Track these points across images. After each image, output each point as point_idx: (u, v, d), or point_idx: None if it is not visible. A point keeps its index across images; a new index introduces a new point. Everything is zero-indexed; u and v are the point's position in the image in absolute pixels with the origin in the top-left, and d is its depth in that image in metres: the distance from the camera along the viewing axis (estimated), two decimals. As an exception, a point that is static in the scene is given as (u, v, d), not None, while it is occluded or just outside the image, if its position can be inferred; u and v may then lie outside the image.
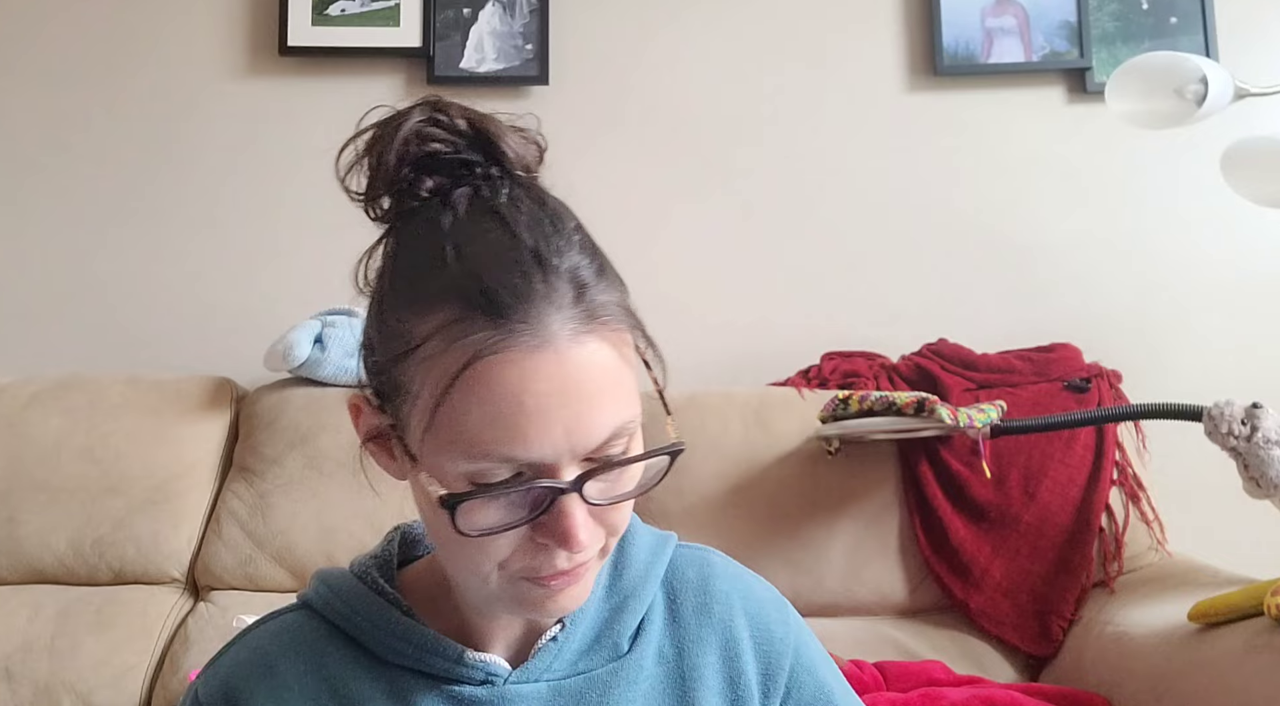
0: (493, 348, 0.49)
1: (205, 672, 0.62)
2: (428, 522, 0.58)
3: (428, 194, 0.55)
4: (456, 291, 0.50)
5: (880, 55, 1.99)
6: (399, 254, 0.55)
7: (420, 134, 0.55)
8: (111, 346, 1.91)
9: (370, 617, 0.61)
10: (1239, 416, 1.26)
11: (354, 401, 0.58)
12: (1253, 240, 1.92)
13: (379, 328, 0.55)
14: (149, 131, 1.97)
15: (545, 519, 0.52)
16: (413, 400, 0.52)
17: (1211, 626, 1.19)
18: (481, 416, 0.49)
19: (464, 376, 0.49)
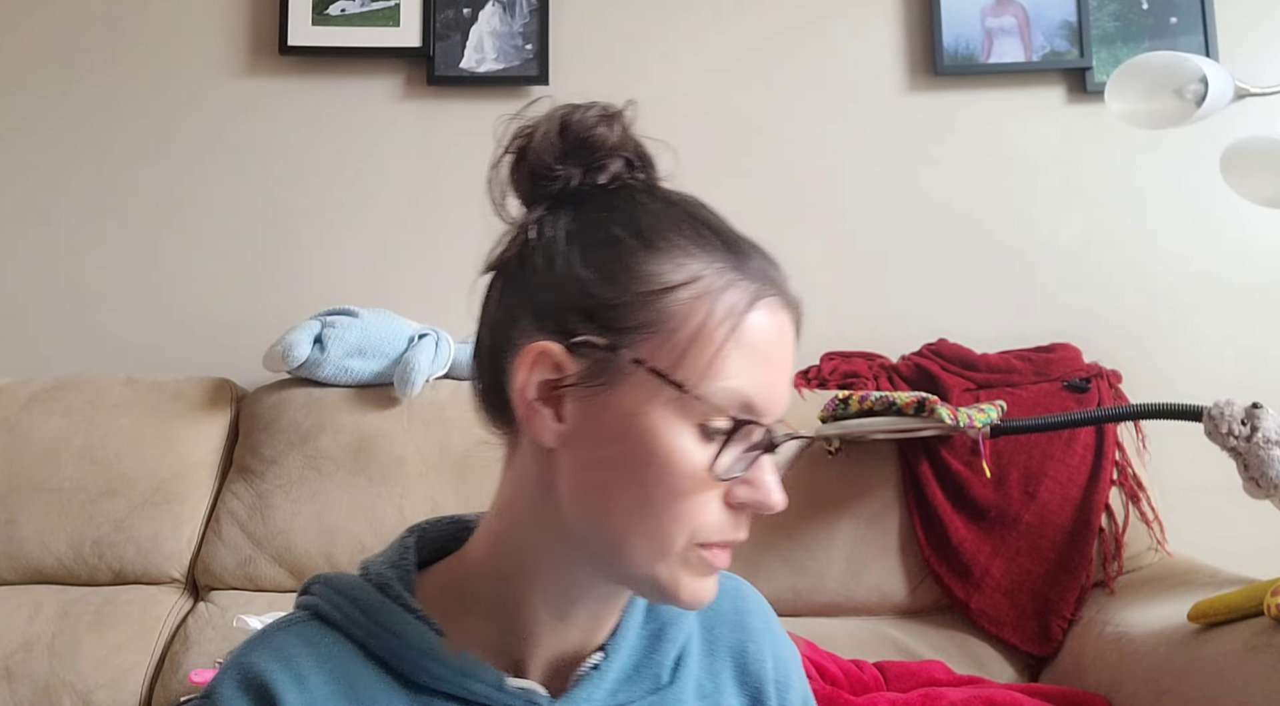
0: (764, 293, 0.56)
1: (221, 678, 0.57)
2: (599, 482, 0.55)
3: (605, 180, 0.60)
4: (705, 243, 0.56)
5: (880, 55, 1.99)
6: (615, 218, 0.57)
7: (582, 125, 0.60)
8: (111, 347, 1.91)
9: (399, 635, 0.57)
10: (1239, 416, 1.26)
11: (542, 349, 0.55)
12: (1253, 240, 1.92)
13: (607, 272, 0.55)
14: (149, 131, 1.98)
15: (753, 475, 0.55)
16: (669, 332, 0.53)
17: (1211, 626, 1.19)
18: (750, 358, 0.54)
19: (750, 310, 0.54)
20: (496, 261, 0.61)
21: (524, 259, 0.58)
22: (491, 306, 0.61)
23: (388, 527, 1.55)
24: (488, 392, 0.61)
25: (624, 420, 0.53)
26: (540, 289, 0.57)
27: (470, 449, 1.61)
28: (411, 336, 1.68)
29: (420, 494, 1.57)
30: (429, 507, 1.56)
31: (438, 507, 1.56)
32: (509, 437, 0.61)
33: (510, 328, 0.58)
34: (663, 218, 0.57)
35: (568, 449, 0.55)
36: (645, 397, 0.53)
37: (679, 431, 0.53)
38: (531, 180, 0.59)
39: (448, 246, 1.96)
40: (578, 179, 0.59)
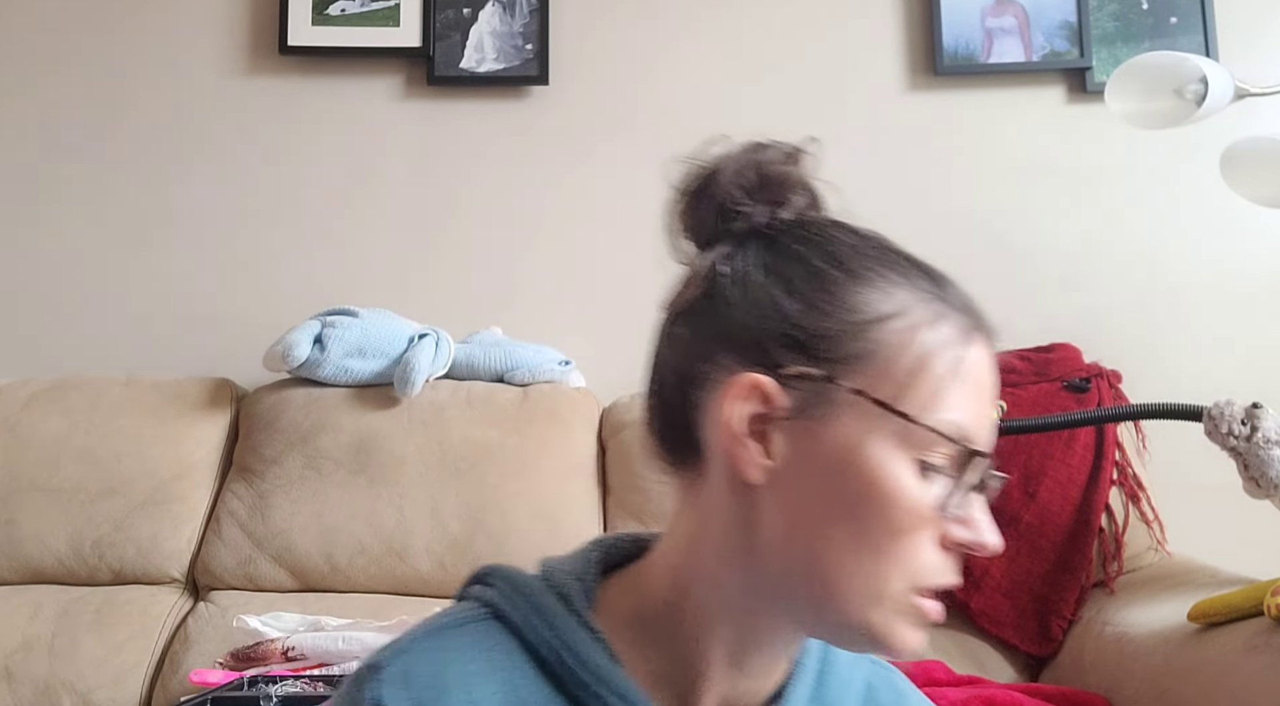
0: (978, 324, 0.55)
1: (387, 676, 0.53)
2: (812, 519, 0.52)
3: (791, 215, 0.59)
4: (915, 282, 0.55)
5: (880, 55, 1.99)
6: (813, 251, 0.57)
7: (766, 162, 0.60)
8: (111, 347, 1.91)
9: (578, 654, 0.55)
10: (1239, 416, 1.26)
11: (752, 381, 0.53)
12: (1253, 240, 1.92)
13: (813, 303, 0.54)
14: (149, 131, 1.98)
15: (968, 513, 0.53)
16: (885, 363, 0.53)
17: (1211, 626, 1.19)
18: (965, 389, 0.53)
19: (966, 343, 0.54)
20: (681, 301, 0.59)
21: (713, 295, 0.57)
22: (676, 344, 0.59)
23: (388, 527, 1.55)
24: (666, 431, 0.60)
25: (841, 453, 0.52)
26: (738, 323, 0.55)
27: (468, 451, 1.61)
28: (411, 336, 1.68)
29: (420, 494, 1.57)
30: (429, 507, 1.56)
31: (437, 508, 1.56)
32: (687, 474, 0.59)
33: (703, 363, 0.56)
34: (859, 249, 0.57)
35: (773, 485, 0.53)
36: (864, 430, 0.52)
37: (900, 465, 0.51)
38: (718, 217, 0.59)
39: (448, 246, 1.96)
40: (765, 215, 0.59)
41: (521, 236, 1.96)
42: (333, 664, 1.30)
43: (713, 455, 0.56)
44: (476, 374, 1.73)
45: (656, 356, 0.61)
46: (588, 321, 1.93)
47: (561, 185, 1.97)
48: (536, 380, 1.73)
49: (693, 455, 0.58)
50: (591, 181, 1.97)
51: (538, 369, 1.73)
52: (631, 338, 2.18)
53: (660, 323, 0.61)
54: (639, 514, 1.59)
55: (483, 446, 1.60)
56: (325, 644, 1.30)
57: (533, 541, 1.54)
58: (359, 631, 1.33)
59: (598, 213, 1.96)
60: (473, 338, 1.80)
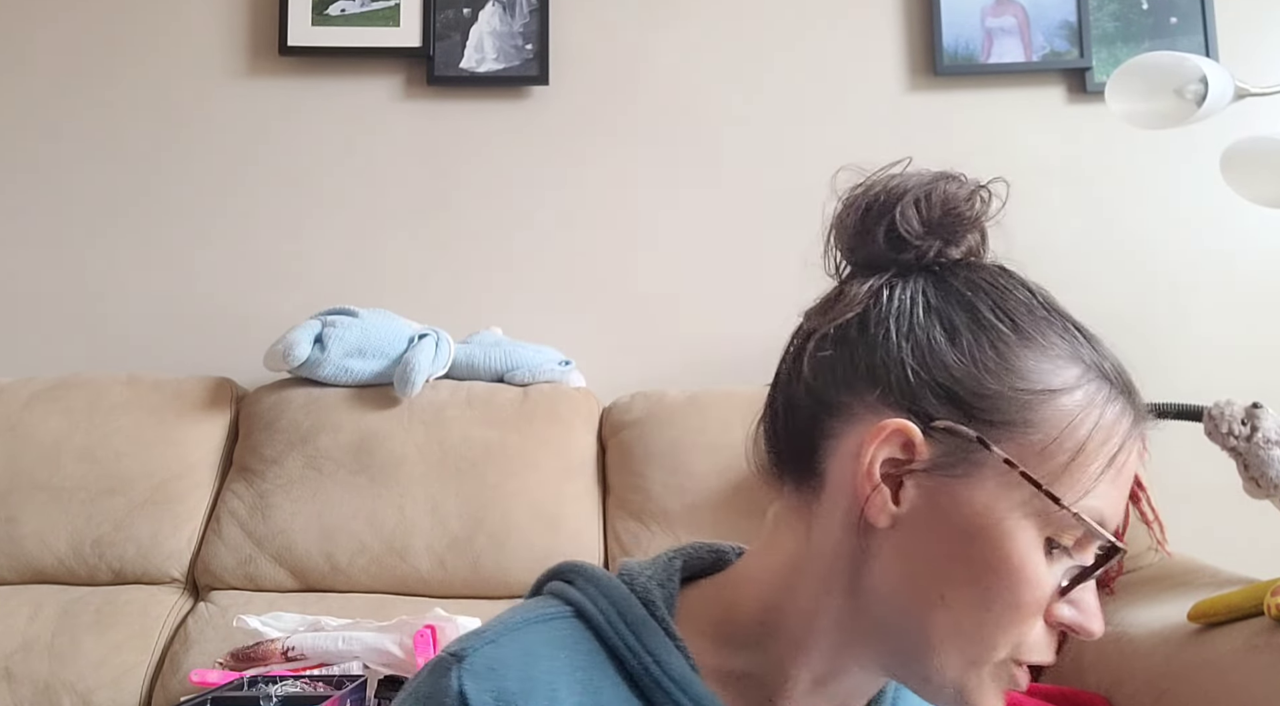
0: (1142, 419, 0.54)
1: (472, 666, 0.51)
2: (931, 576, 0.52)
3: (959, 255, 0.57)
4: (1086, 357, 0.54)
5: (880, 55, 1.99)
6: (982, 299, 0.55)
7: (953, 198, 0.57)
8: (111, 347, 1.91)
9: (661, 662, 0.54)
10: (1239, 416, 1.26)
11: (899, 427, 0.51)
12: (1253, 240, 1.92)
13: (978, 359, 0.52)
14: (149, 131, 1.98)
15: (1079, 596, 0.53)
16: (1045, 439, 0.51)
17: (1211, 626, 1.19)
18: (1116, 481, 0.52)
19: (1130, 437, 0.53)
20: (830, 320, 0.56)
21: (868, 324, 0.55)
22: (818, 366, 0.56)
23: (388, 527, 1.55)
24: (784, 449, 0.58)
25: (975, 518, 0.50)
26: (890, 360, 0.53)
27: (469, 451, 1.61)
28: (411, 336, 1.68)
29: (420, 494, 1.57)
30: (429, 507, 1.56)
31: (437, 507, 1.56)
32: (798, 495, 0.57)
33: (843, 392, 0.54)
34: (1031, 307, 0.55)
35: (896, 532, 0.52)
36: (1005, 499, 0.50)
37: (1032, 542, 0.50)
38: (887, 243, 0.56)
39: (448, 246, 1.96)
40: (936, 250, 0.56)
41: (521, 236, 1.96)
42: (333, 664, 1.30)
43: (833, 485, 0.55)
44: (476, 374, 1.73)
45: (789, 371, 0.58)
46: (588, 321, 1.93)
47: (561, 185, 1.97)
48: (536, 380, 1.73)
49: (810, 479, 0.56)
50: (591, 181, 1.97)
51: (538, 369, 1.73)
52: (631, 338, 2.20)
53: (799, 335, 0.59)
54: (639, 514, 1.60)
55: (483, 446, 1.60)
56: (325, 644, 1.30)
57: (533, 541, 1.54)
58: (359, 631, 1.33)
59: (598, 212, 1.96)
60: (473, 338, 1.80)
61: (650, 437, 1.63)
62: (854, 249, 0.58)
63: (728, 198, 1.96)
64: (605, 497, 1.66)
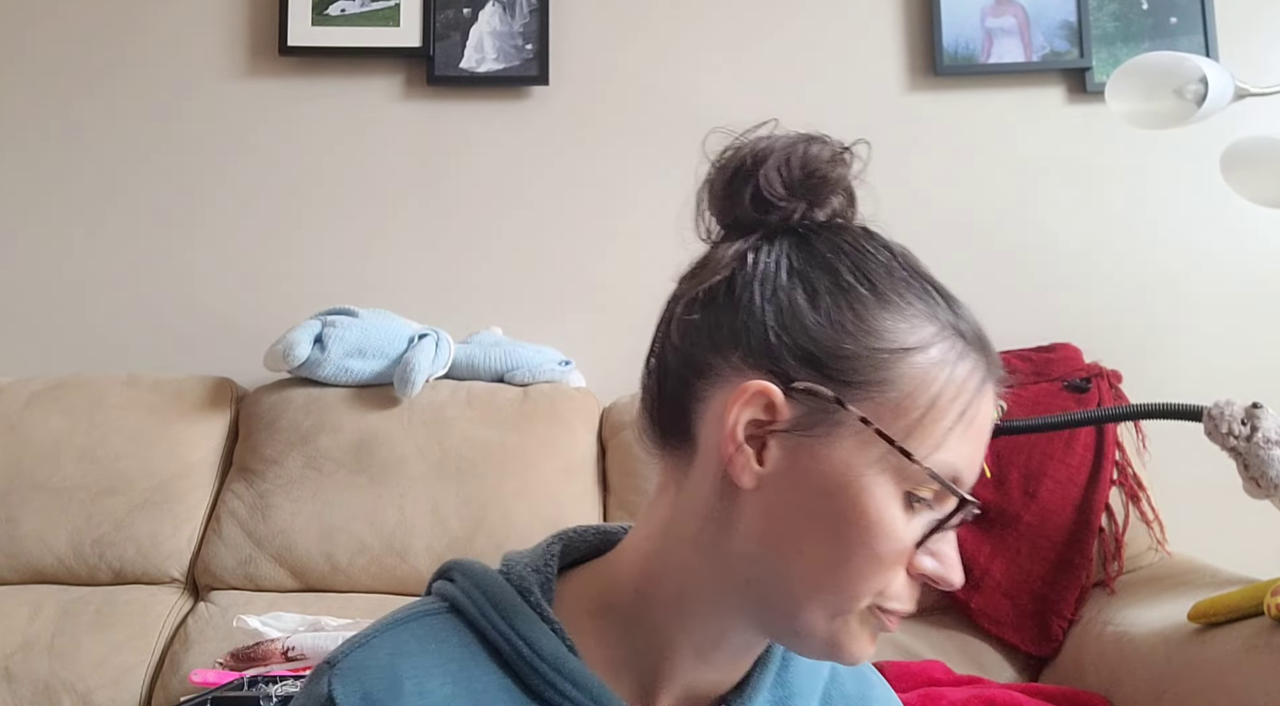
0: (992, 374, 0.55)
1: (342, 670, 0.54)
2: (792, 532, 0.53)
3: (824, 217, 0.58)
4: (941, 316, 0.55)
5: (880, 55, 1.99)
6: (843, 262, 0.56)
7: (816, 159, 0.57)
8: (111, 347, 1.92)
9: (531, 643, 0.55)
10: (1239, 416, 1.26)
11: (760, 388, 0.52)
12: (1253, 240, 1.92)
13: (836, 321, 0.53)
14: (149, 131, 1.98)
15: (939, 548, 0.54)
16: (900, 396, 0.52)
17: (1211, 626, 1.19)
18: (967, 434, 0.54)
19: (980, 393, 0.54)
20: (697, 284, 0.57)
21: (734, 287, 0.56)
22: (686, 329, 0.57)
23: (388, 527, 1.55)
24: (660, 412, 0.59)
25: (834, 476, 0.52)
26: (753, 323, 0.54)
27: (469, 451, 1.61)
28: (411, 336, 1.68)
29: (420, 494, 1.57)
30: (429, 507, 1.56)
31: (437, 507, 1.56)
32: (673, 459, 0.58)
33: (711, 354, 0.55)
34: (891, 268, 0.56)
35: (760, 491, 0.53)
36: (862, 456, 0.52)
37: (890, 497, 0.52)
38: (752, 205, 0.57)
39: (448, 246, 1.96)
40: (800, 212, 0.57)
41: (522, 236, 1.96)
42: (333, 664, 1.29)
43: (704, 448, 0.56)
44: (476, 374, 1.73)
45: (663, 336, 0.60)
46: (588, 321, 1.93)
47: (561, 185, 1.97)
48: (536, 380, 1.73)
49: (683, 441, 0.57)
50: (591, 181, 1.97)
51: (538, 369, 1.73)
52: (631, 338, 2.18)
53: (670, 301, 0.60)
54: (640, 509, 1.59)
55: (483, 446, 1.60)
56: (325, 644, 1.30)
57: (533, 541, 1.54)
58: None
59: (598, 212, 1.96)
60: (473, 338, 1.80)
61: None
62: (722, 212, 0.59)
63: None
64: (605, 498, 1.66)
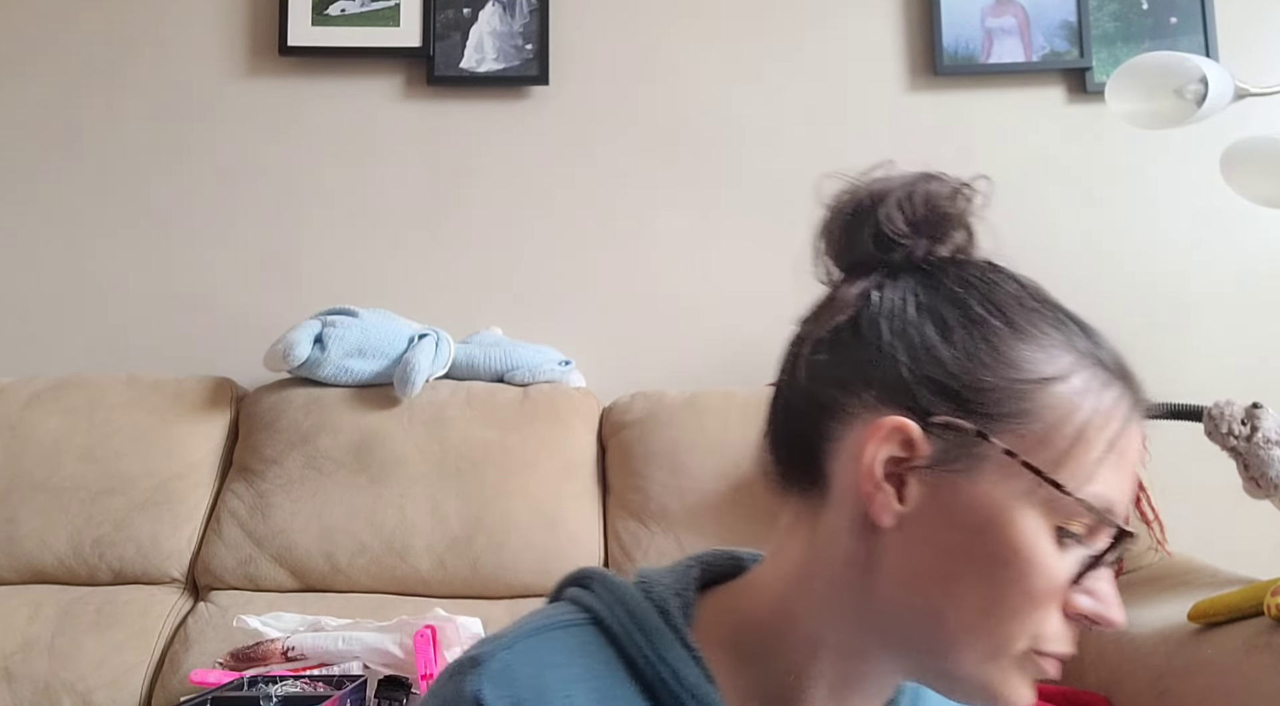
0: (1139, 404, 0.54)
1: (490, 671, 0.52)
2: (941, 573, 0.51)
3: (946, 253, 0.58)
4: (1079, 345, 0.54)
5: (880, 55, 1.99)
6: (972, 294, 0.55)
7: (936, 195, 0.57)
8: (111, 346, 1.92)
9: (676, 671, 0.54)
10: (1239, 416, 1.26)
11: (897, 424, 0.51)
12: (1253, 240, 1.92)
13: (972, 353, 0.52)
14: (149, 131, 1.98)
15: (1095, 585, 0.52)
16: (1044, 427, 0.51)
17: (1211, 626, 1.19)
18: (1119, 465, 0.52)
19: (1128, 421, 0.52)
20: (823, 325, 0.56)
21: (860, 325, 0.55)
22: (814, 370, 0.56)
23: (388, 527, 1.55)
24: (787, 455, 0.58)
25: (981, 511, 0.50)
26: (884, 359, 0.53)
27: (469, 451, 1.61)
28: (411, 336, 1.68)
29: (420, 494, 1.57)
30: (429, 507, 1.56)
31: (438, 507, 1.56)
32: (804, 499, 0.57)
33: (841, 393, 0.54)
34: (1021, 299, 0.55)
35: (902, 531, 0.52)
36: (1009, 491, 0.50)
37: (1041, 533, 0.50)
38: (874, 244, 0.56)
39: (448, 246, 1.96)
40: (924, 249, 0.56)
41: (521, 236, 1.96)
42: (333, 664, 1.30)
43: (839, 488, 0.54)
44: (476, 374, 1.73)
45: (787, 378, 0.58)
46: (588, 321, 1.93)
47: (561, 185, 1.97)
48: (536, 380, 1.73)
49: (814, 483, 0.56)
50: (591, 181, 1.97)
51: (538, 369, 1.73)
52: (631, 338, 2.20)
53: (794, 342, 0.58)
54: (639, 514, 1.59)
55: (483, 446, 1.60)
56: (325, 644, 1.30)
57: (533, 541, 1.54)
58: (359, 631, 1.33)
59: (598, 212, 1.96)
60: (473, 338, 1.80)
61: (650, 438, 1.63)
62: (842, 253, 0.59)
63: (727, 197, 1.96)
64: (605, 498, 1.66)
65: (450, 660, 1.29)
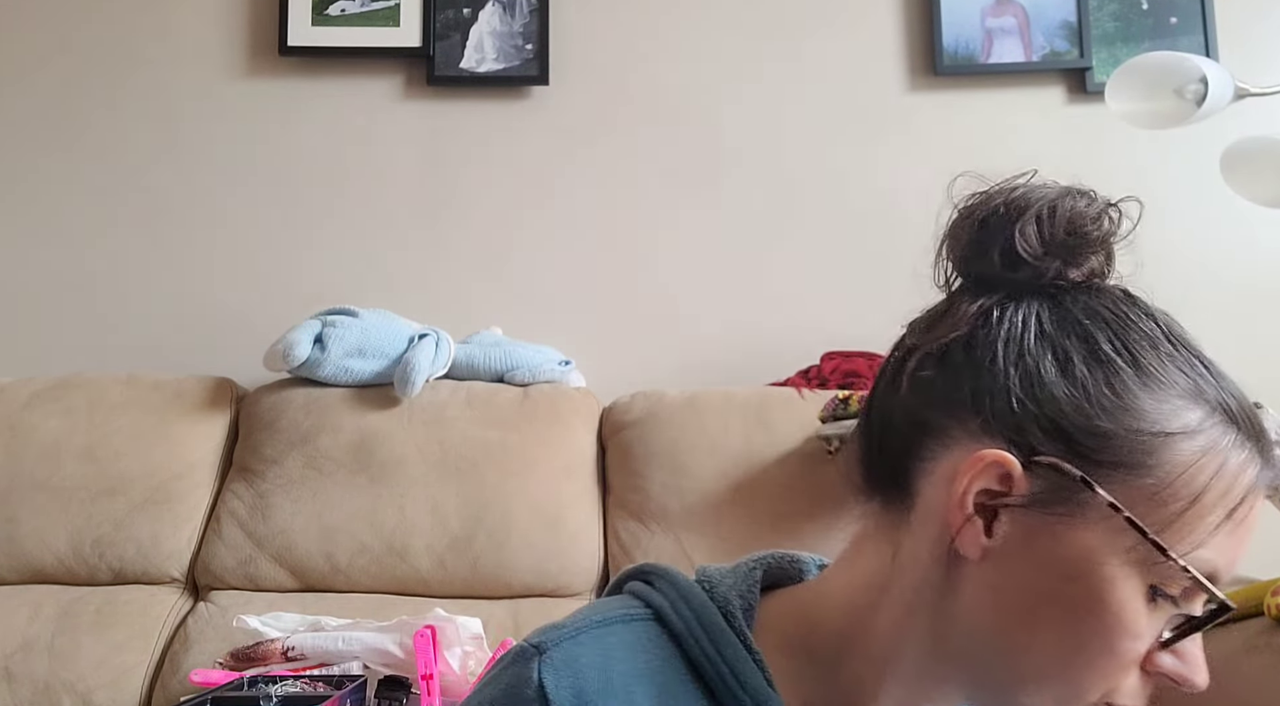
0: (1269, 469, 0.50)
1: (553, 660, 0.51)
2: (1024, 613, 0.50)
3: (1078, 278, 0.55)
4: (1210, 397, 0.51)
5: (880, 55, 1.99)
6: (1101, 329, 0.52)
7: (1080, 216, 0.54)
8: (111, 346, 1.92)
9: (737, 673, 0.53)
10: (1239, 416, 1.26)
11: (997, 459, 0.49)
12: (1253, 240, 1.92)
13: (1091, 395, 0.50)
14: (149, 131, 1.98)
15: (1183, 646, 0.50)
16: (1159, 485, 0.48)
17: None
18: (1234, 534, 0.50)
19: (1253, 490, 0.50)
20: (934, 338, 0.54)
21: (974, 345, 0.52)
22: (918, 386, 0.54)
23: (388, 527, 1.55)
24: (876, 466, 0.56)
25: (1074, 562, 0.48)
26: (995, 387, 0.51)
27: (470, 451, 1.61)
28: (411, 336, 1.68)
29: (420, 493, 1.57)
30: (429, 507, 1.56)
31: (438, 507, 1.56)
32: (887, 512, 0.55)
33: (942, 415, 0.52)
34: (1155, 341, 0.52)
35: (986, 564, 0.50)
36: (1106, 544, 0.48)
37: (1135, 591, 0.48)
38: (1001, 260, 0.53)
39: (448, 246, 1.96)
40: (1054, 272, 0.53)
41: (522, 236, 1.96)
42: (333, 664, 1.30)
43: (925, 508, 0.53)
44: (476, 374, 1.73)
45: (888, 386, 0.56)
46: (588, 321, 1.93)
47: (561, 185, 1.97)
48: (536, 380, 1.73)
49: (900, 499, 0.54)
50: (591, 181, 1.97)
51: (538, 369, 1.73)
52: (631, 338, 2.20)
53: (901, 351, 0.56)
54: (639, 514, 1.59)
55: (483, 446, 1.60)
56: (325, 644, 1.30)
57: (533, 541, 1.54)
58: (359, 631, 1.33)
59: (597, 212, 1.96)
60: (473, 338, 1.80)
61: (650, 438, 1.63)
62: (966, 263, 0.56)
63: (727, 197, 1.96)
64: (605, 497, 1.66)
65: (450, 660, 1.29)
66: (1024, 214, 0.53)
